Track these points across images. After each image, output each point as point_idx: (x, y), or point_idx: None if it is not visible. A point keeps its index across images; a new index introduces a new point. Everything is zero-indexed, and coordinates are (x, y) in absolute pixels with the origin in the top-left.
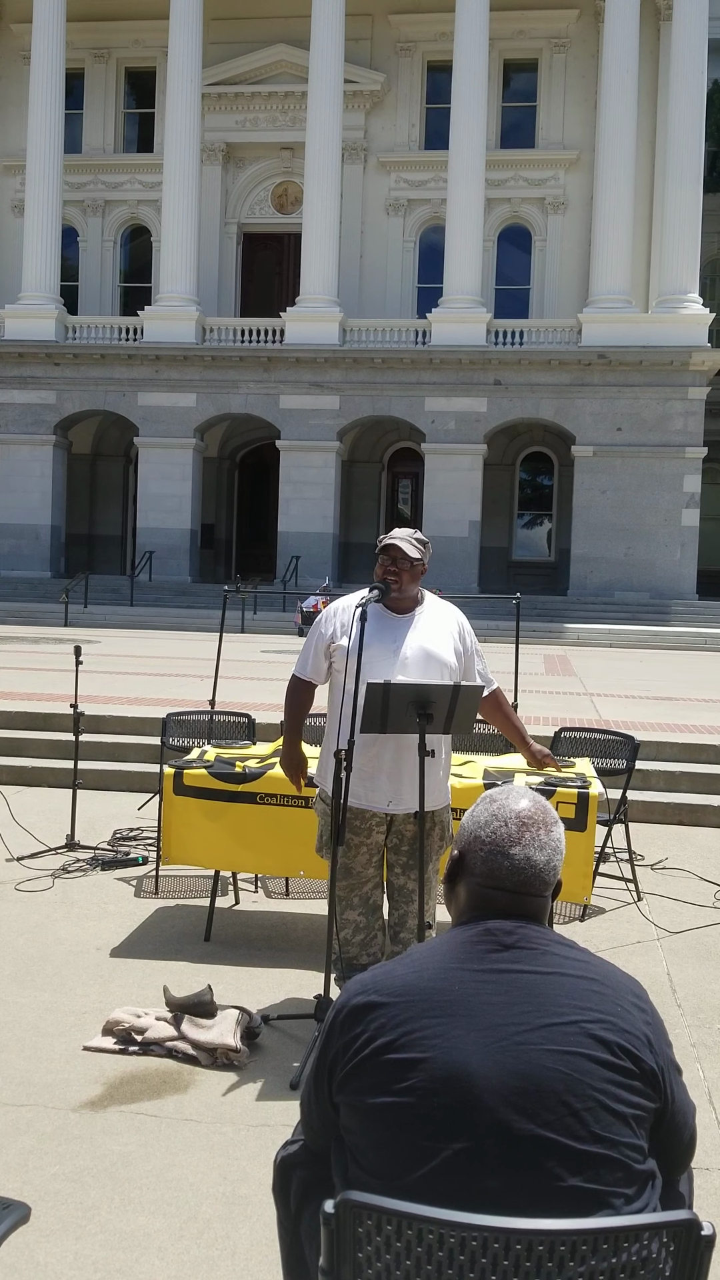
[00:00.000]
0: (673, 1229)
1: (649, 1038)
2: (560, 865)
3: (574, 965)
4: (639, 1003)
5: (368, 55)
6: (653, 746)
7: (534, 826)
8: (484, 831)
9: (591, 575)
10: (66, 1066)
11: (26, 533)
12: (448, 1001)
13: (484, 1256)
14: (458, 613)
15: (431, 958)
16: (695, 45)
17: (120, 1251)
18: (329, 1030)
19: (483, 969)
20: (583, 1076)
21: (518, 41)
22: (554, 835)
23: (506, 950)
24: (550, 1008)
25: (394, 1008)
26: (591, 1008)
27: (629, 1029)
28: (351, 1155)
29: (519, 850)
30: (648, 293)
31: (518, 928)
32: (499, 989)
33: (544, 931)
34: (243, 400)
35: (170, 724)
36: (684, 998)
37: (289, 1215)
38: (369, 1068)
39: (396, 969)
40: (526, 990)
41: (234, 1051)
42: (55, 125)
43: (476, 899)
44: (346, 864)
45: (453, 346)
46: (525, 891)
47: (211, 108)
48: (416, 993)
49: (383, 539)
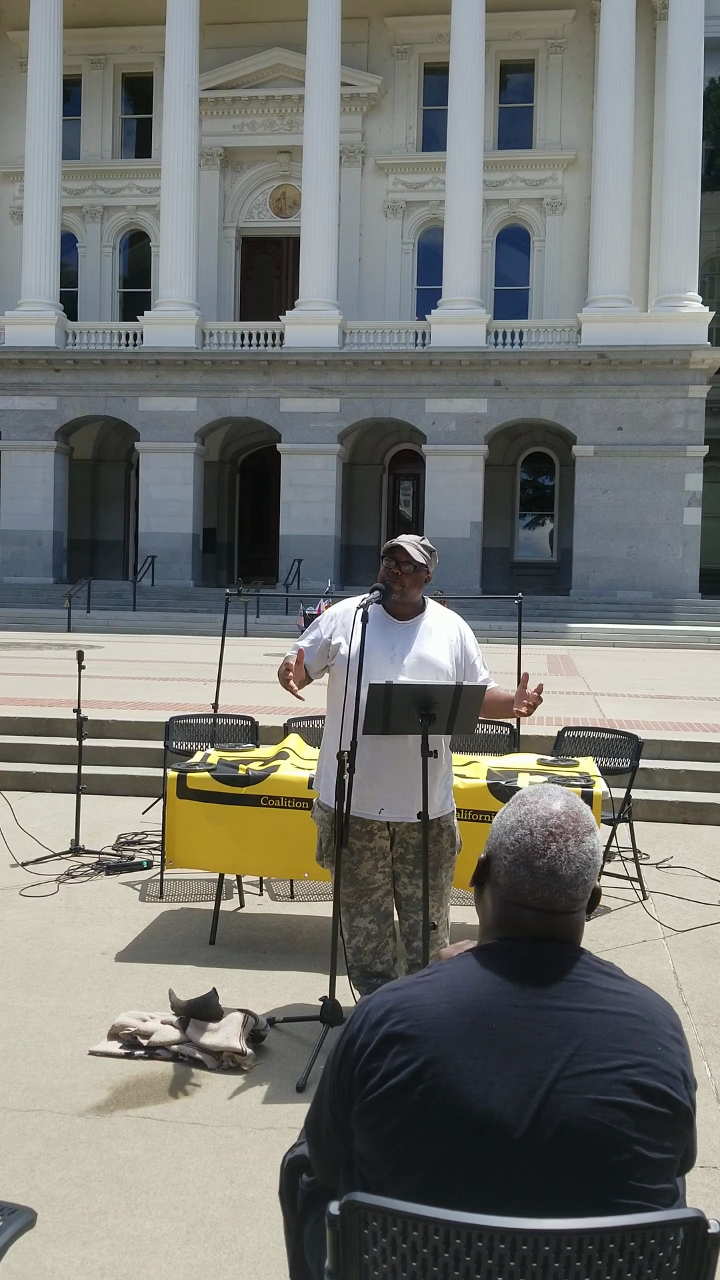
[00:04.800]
0: (680, 1227)
1: (684, 1074)
2: (593, 877)
3: (615, 1000)
4: (675, 1035)
5: (364, 58)
6: (657, 745)
7: (562, 837)
8: (509, 838)
9: (594, 575)
10: (72, 1071)
11: (29, 539)
12: (483, 1042)
13: (490, 1257)
14: (459, 620)
15: (464, 987)
16: (692, 44)
17: (127, 1256)
18: (346, 1054)
19: (521, 1004)
20: (622, 1128)
21: (514, 43)
22: (584, 847)
23: (547, 984)
24: (592, 1051)
25: (425, 1043)
26: (634, 1050)
27: (668, 1070)
28: (360, 1175)
29: (543, 863)
30: (647, 292)
31: (557, 957)
32: (538, 1028)
33: (584, 959)
34: (243, 404)
35: (173, 728)
36: (690, 996)
37: (295, 1218)
38: (396, 1107)
39: (426, 996)
40: (567, 1030)
41: (240, 1055)
42: (53, 132)
43: (503, 917)
44: (352, 871)
45: (452, 348)
46: (551, 909)
47: (209, 112)
48: (451, 1028)
49: (389, 543)
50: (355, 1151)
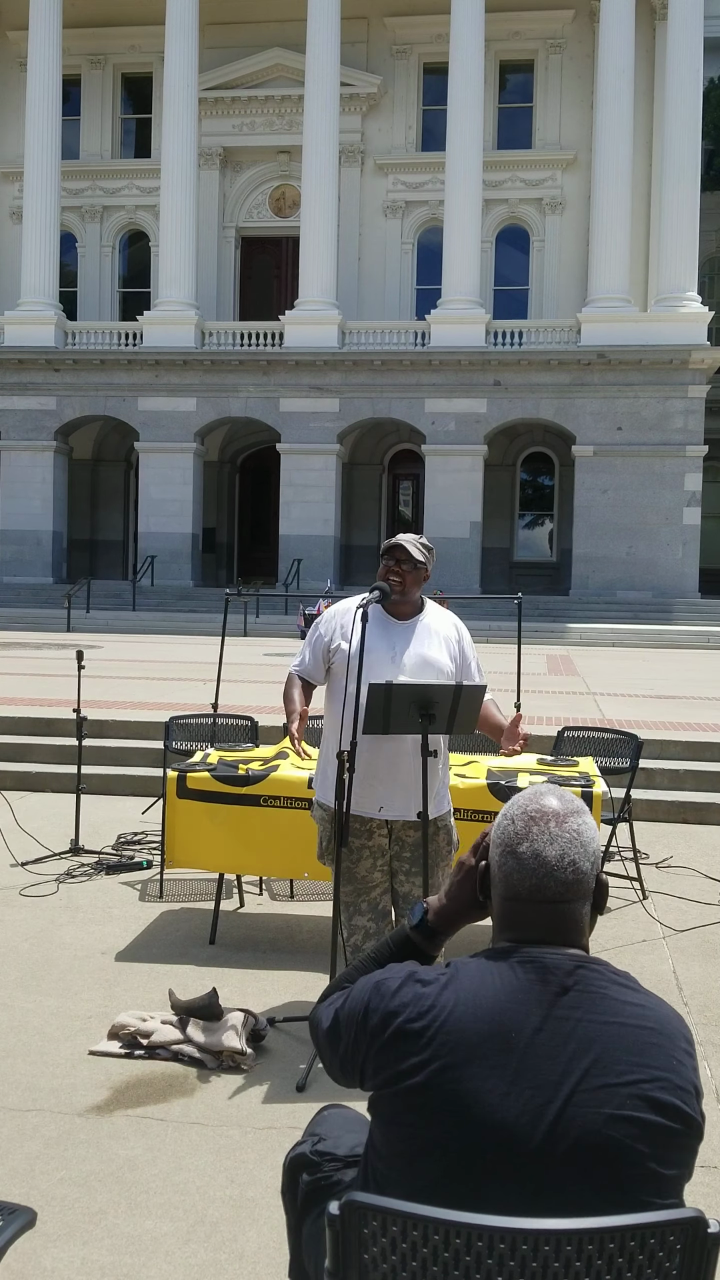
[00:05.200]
0: (680, 1227)
1: (696, 1087)
2: (584, 861)
3: (632, 1012)
4: (688, 1048)
5: (364, 58)
6: (657, 745)
7: (542, 820)
8: (496, 833)
9: (593, 575)
10: (72, 1071)
11: (28, 539)
12: (502, 1052)
13: (490, 1257)
14: (457, 621)
15: (484, 990)
16: (691, 44)
17: (127, 1256)
18: (359, 1032)
19: (539, 1014)
20: (636, 1144)
21: (513, 43)
22: (567, 826)
23: (565, 994)
24: (609, 1064)
25: (442, 1045)
26: (650, 1064)
27: (682, 1084)
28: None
29: (526, 847)
30: (646, 292)
31: (576, 968)
32: (556, 1039)
33: (602, 970)
34: (243, 404)
35: (173, 728)
36: (690, 995)
37: (296, 1217)
38: (410, 1107)
39: (444, 996)
40: (584, 1043)
41: (240, 1054)
42: (53, 131)
43: (504, 914)
44: (351, 869)
45: (452, 348)
46: (543, 899)
47: (208, 112)
48: (469, 1034)
49: (387, 541)
50: (369, 1136)
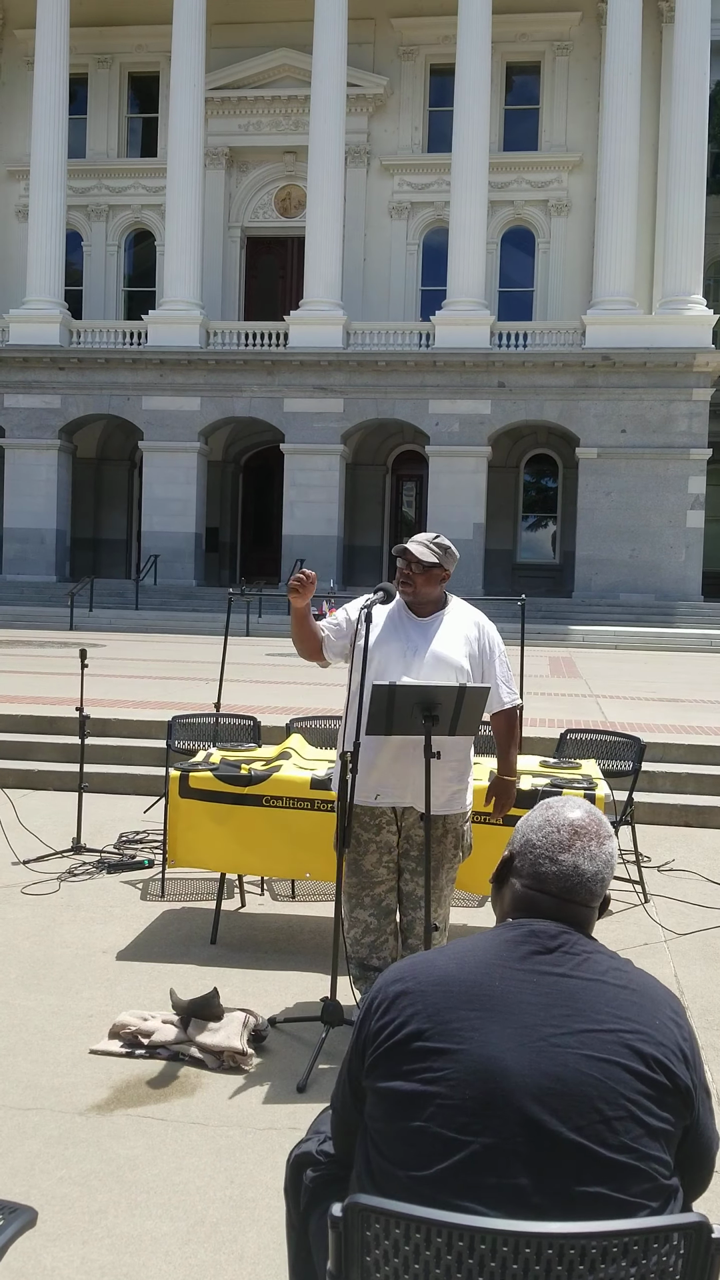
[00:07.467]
0: (683, 1231)
1: (685, 1053)
2: (609, 879)
3: (615, 975)
4: (676, 1018)
5: (370, 59)
6: (659, 748)
7: (586, 836)
8: (536, 835)
9: (596, 577)
10: (73, 1070)
11: (32, 537)
12: (485, 996)
13: (493, 1260)
14: (481, 617)
15: (473, 952)
16: (698, 47)
17: (127, 1255)
18: (364, 1016)
19: (524, 968)
20: (617, 1085)
21: (520, 44)
22: (605, 849)
23: (549, 953)
24: (589, 1014)
25: (429, 996)
26: (630, 1018)
27: (665, 1042)
28: (374, 1144)
29: (568, 857)
30: (651, 294)
31: (562, 932)
32: (538, 990)
33: (588, 940)
34: (247, 404)
35: (176, 727)
36: (691, 1000)
37: (299, 1214)
38: (400, 1054)
39: (437, 959)
40: (566, 995)
41: (241, 1054)
42: (59, 130)
43: (521, 900)
44: (357, 861)
45: (456, 349)
46: (570, 899)
47: (215, 112)
48: (454, 984)
49: (400, 544)
50: (367, 1127)
